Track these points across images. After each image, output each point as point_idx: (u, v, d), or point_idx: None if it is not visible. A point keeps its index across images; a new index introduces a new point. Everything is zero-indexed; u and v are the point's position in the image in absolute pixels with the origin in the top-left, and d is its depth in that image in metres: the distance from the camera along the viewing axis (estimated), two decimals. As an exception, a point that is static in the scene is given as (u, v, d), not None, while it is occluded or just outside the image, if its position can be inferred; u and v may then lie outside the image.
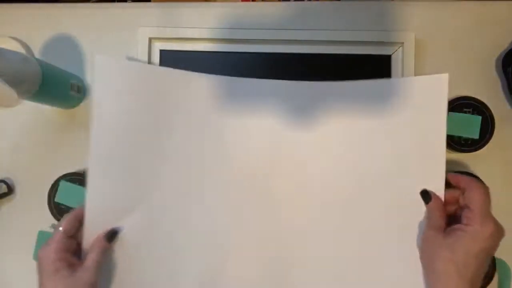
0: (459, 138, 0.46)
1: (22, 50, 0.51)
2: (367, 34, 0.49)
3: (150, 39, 0.50)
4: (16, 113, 0.51)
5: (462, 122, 0.46)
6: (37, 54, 0.52)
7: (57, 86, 0.46)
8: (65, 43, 0.52)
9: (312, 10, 0.51)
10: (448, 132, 0.45)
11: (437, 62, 0.50)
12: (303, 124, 0.46)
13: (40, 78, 0.42)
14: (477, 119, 0.46)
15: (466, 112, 0.46)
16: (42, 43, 0.52)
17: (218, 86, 0.47)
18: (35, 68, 0.42)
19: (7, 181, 0.51)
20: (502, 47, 0.50)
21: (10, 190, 0.51)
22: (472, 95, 0.47)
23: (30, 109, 0.51)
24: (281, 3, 0.51)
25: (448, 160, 0.48)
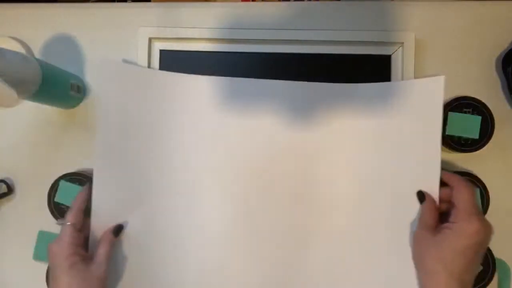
0: (459, 138, 0.46)
1: (22, 50, 0.51)
2: (367, 34, 0.49)
3: (150, 39, 0.50)
4: (16, 113, 0.51)
5: (462, 122, 0.46)
6: (37, 54, 0.52)
7: (57, 86, 0.46)
8: (65, 43, 0.52)
9: (312, 10, 0.51)
10: (448, 132, 0.45)
11: (437, 62, 0.50)
12: (302, 125, 0.46)
13: (40, 78, 0.42)
14: (477, 119, 0.46)
15: (466, 112, 0.46)
16: (42, 43, 0.52)
17: (218, 86, 0.47)
18: (35, 68, 0.42)
19: (7, 181, 0.51)
20: (502, 47, 0.50)
21: (10, 190, 0.51)
22: (472, 95, 0.47)
23: (30, 109, 0.51)
24: (281, 3, 0.51)
25: (448, 160, 0.49)
